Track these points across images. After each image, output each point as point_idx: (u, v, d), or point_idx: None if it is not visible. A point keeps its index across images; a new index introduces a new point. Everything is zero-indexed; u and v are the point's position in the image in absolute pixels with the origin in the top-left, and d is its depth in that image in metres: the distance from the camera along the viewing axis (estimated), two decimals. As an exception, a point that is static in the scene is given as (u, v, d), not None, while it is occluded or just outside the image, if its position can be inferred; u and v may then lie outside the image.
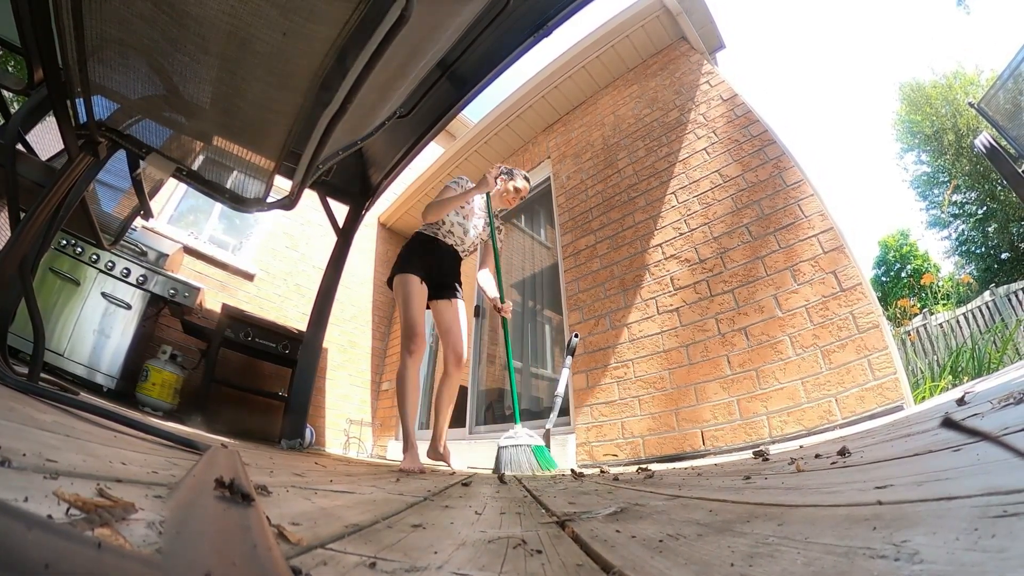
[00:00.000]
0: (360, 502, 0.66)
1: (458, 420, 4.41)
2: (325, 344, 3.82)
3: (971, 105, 2.58)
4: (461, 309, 2.55)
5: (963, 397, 1.21)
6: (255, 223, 5.06)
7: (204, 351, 3.80)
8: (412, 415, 2.19)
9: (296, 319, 4.62)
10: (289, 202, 1.57)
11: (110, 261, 3.13)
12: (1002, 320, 6.84)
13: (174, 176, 1.42)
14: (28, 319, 1.33)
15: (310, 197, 3.12)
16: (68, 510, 0.30)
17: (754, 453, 1.53)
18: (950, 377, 3.07)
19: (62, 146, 1.36)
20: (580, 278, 3.33)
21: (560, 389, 2.81)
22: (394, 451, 4.41)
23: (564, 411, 2.97)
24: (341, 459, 2.63)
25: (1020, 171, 2.07)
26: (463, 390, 4.60)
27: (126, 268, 3.20)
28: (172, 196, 4.50)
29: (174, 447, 0.94)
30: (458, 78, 2.47)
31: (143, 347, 3.37)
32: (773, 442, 2.04)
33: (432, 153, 5.18)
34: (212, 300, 4.20)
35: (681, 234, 2.86)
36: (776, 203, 2.51)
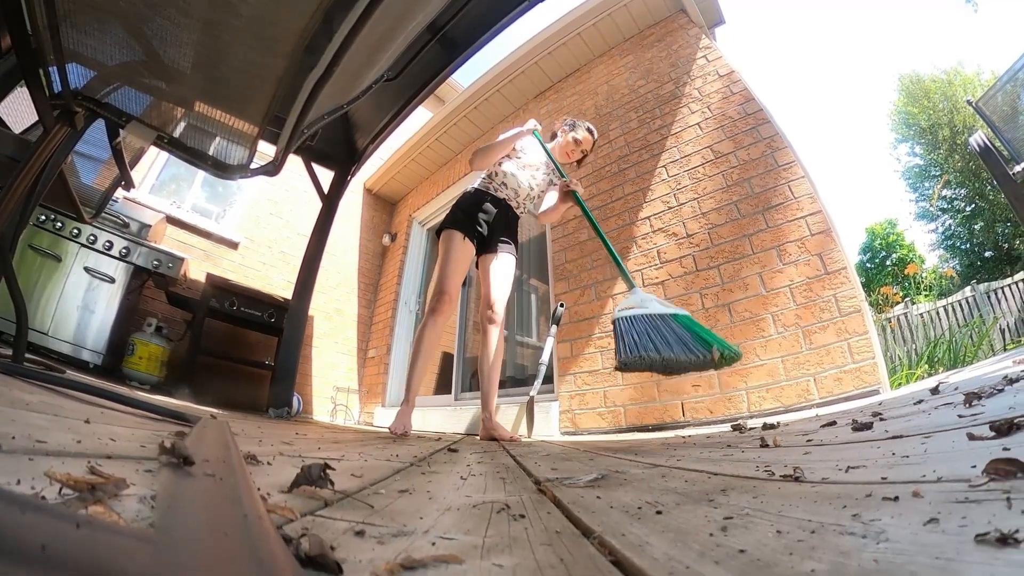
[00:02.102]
0: (348, 469, 0.67)
1: (443, 387, 4.45)
2: (311, 312, 3.80)
3: (969, 103, 2.61)
4: (507, 260, 2.30)
5: (937, 387, 1.25)
6: (238, 190, 4.94)
7: (189, 322, 3.76)
8: (419, 376, 2.09)
9: (282, 287, 4.57)
10: (273, 168, 1.53)
11: (92, 234, 3.05)
12: (980, 316, 7.06)
13: (155, 144, 1.37)
14: (9, 299, 1.30)
15: (294, 163, 3.05)
16: (60, 490, 0.31)
17: (732, 426, 1.57)
18: (926, 366, 3.17)
19: (36, 118, 1.30)
20: (568, 248, 3.33)
21: (544, 357, 2.84)
22: (381, 417, 4.45)
23: (548, 379, 3.02)
24: (328, 427, 2.65)
25: (1011, 173, 2.10)
26: (447, 356, 4.63)
27: (108, 241, 3.13)
28: (153, 165, 4.37)
29: (163, 420, 0.94)
30: (449, 41, 2.40)
31: (128, 321, 3.33)
32: (751, 416, 2.09)
33: (420, 118, 5.07)
34: (196, 270, 4.13)
35: (670, 208, 2.86)
36: (766, 182, 2.51)
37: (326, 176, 3.32)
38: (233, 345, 4.08)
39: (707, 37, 3.34)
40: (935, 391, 1.17)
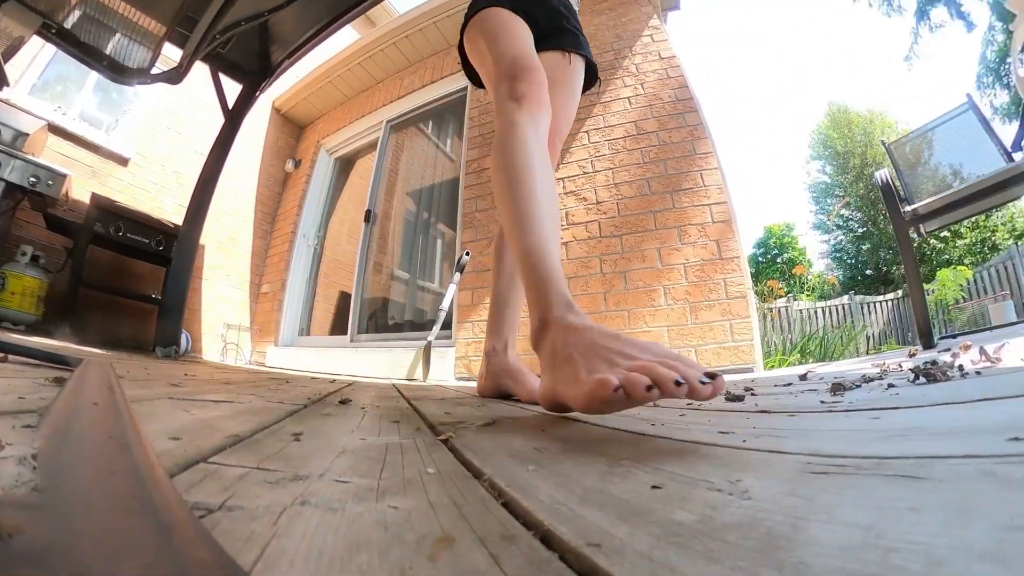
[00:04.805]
0: (240, 412, 0.64)
1: (339, 327, 4.32)
2: (202, 240, 3.44)
3: (883, 143, 2.91)
4: (578, 71, 1.42)
5: (806, 374, 1.41)
6: (135, 97, 4.24)
7: (71, 250, 3.24)
8: (540, 234, 0.83)
9: (173, 211, 4.08)
10: (176, 75, 1.34)
11: (-50, 142, 2.49)
12: (852, 322, 8.16)
13: (38, 34, 1.12)
14: None
15: (200, 71, 2.71)
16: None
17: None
18: (799, 356, 3.60)
19: None
20: (479, 197, 3.30)
21: (445, 304, 2.85)
22: (273, 358, 4.23)
23: (447, 325, 3.04)
24: (219, 367, 2.51)
25: (902, 211, 2.39)
26: (345, 296, 4.48)
27: (-27, 151, 2.56)
28: (36, 60, 3.61)
29: (42, 365, 0.84)
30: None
31: (-2, 249, 2.76)
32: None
33: (346, 38, 4.65)
34: (80, 189, 3.54)
35: (585, 173, 2.93)
36: (681, 167, 2.64)
37: (233, 90, 2.97)
38: (118, 277, 3.63)
39: (658, 18, 3.37)
40: (803, 378, 1.32)
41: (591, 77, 1.47)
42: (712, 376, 0.48)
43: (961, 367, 0.83)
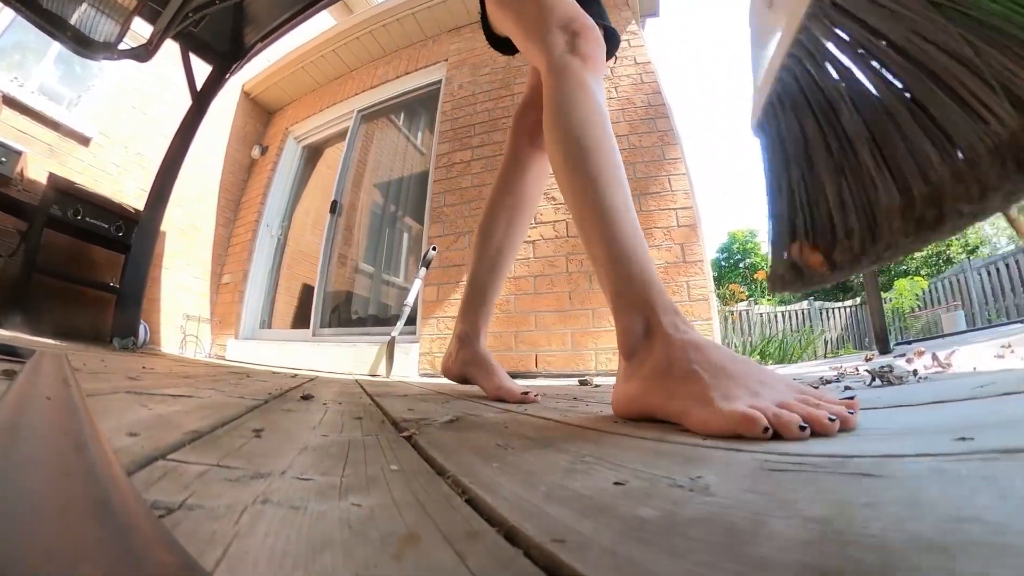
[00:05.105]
0: (199, 407, 0.63)
1: (302, 320, 4.22)
2: (164, 227, 3.29)
3: None
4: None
5: None
6: (100, 72, 3.97)
7: (24, 233, 3.04)
8: (629, 222, 0.75)
9: (134, 196, 3.86)
10: (145, 52, 1.27)
11: None
12: (811, 326, 8.49)
13: None
14: None
15: (169, 50, 2.59)
16: None
17: (579, 381, 1.71)
18: (758, 357, 3.71)
19: None
20: (448, 191, 3.28)
21: (410, 299, 2.82)
22: (234, 351, 4.10)
23: (411, 320, 3.01)
24: (178, 359, 2.44)
25: None
26: (308, 288, 4.37)
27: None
28: None
29: None
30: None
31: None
32: (598, 375, 2.30)
33: (321, 23, 4.53)
34: (36, 169, 3.32)
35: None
36: (649, 171, 2.69)
37: (203, 71, 2.86)
38: (75, 263, 3.40)
39: (636, 23, 3.41)
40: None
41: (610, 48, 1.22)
42: (850, 403, 0.47)
43: (916, 372, 0.88)
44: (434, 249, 2.97)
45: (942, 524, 0.20)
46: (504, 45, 1.14)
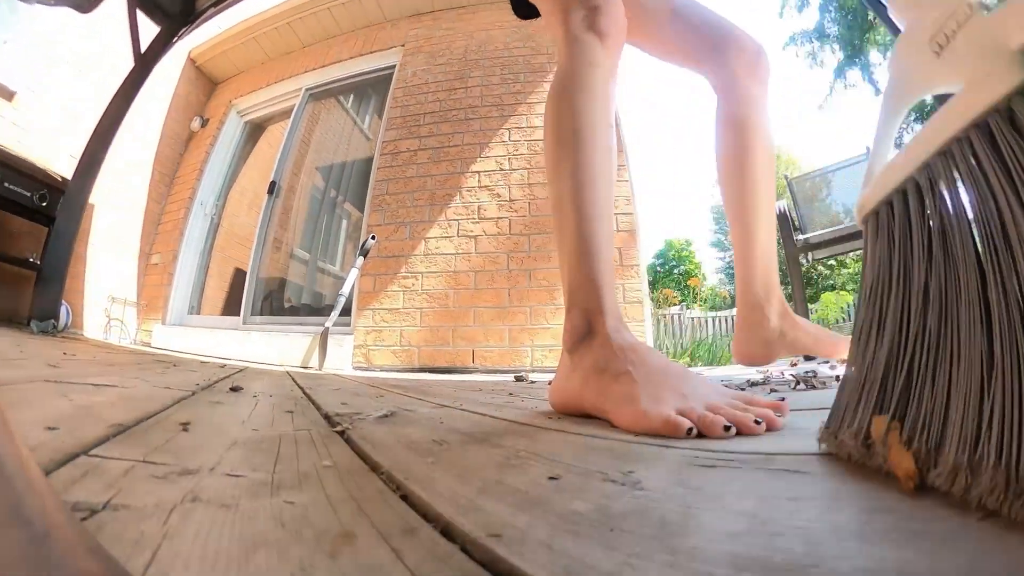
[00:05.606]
0: (123, 398, 0.59)
1: (232, 307, 4.00)
2: (92, 199, 2.97)
3: (786, 178, 3.28)
4: None
5: None
6: (31, 20, 3.48)
7: None
8: (599, 219, 0.71)
9: (63, 163, 3.45)
10: (87, 2, 1.13)
11: None
12: None
13: None
14: None
15: (114, 2, 2.38)
16: None
17: (515, 377, 1.72)
18: (688, 359, 3.86)
19: None
20: (392, 180, 3.21)
21: (345, 289, 2.75)
22: (161, 337, 3.80)
23: (346, 311, 2.93)
24: (102, 345, 2.26)
25: (795, 238, 2.74)
26: (240, 273, 4.14)
27: None
28: None
29: None
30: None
31: None
32: (534, 371, 2.33)
33: (280, -7, 4.30)
34: None
35: (501, 170, 2.96)
36: (595, 174, 2.75)
37: (148, 32, 2.64)
38: None
39: None
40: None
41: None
42: (779, 406, 0.50)
43: (838, 377, 0.94)
44: (373, 238, 2.89)
45: (860, 515, 0.22)
46: (525, 7, 1.11)
